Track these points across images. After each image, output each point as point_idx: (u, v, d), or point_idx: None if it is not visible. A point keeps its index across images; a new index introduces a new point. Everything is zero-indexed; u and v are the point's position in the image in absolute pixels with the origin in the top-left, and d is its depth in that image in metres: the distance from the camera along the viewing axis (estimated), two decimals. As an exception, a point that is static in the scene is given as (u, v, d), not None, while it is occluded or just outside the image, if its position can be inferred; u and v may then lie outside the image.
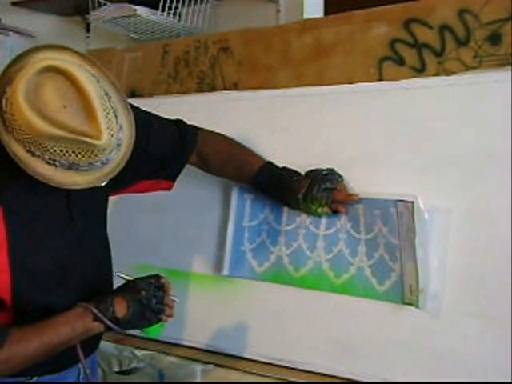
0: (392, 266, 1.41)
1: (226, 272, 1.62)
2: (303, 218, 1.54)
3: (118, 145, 1.15)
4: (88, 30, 2.55)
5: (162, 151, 1.46)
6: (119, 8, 2.13)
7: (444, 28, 1.42)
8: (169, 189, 1.55)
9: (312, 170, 1.48)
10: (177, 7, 2.16)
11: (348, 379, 1.48)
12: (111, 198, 1.43)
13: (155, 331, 1.29)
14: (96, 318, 1.20)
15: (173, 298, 1.28)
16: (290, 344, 1.57)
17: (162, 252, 1.78)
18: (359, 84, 1.53)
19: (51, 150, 1.07)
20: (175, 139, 1.49)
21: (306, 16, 2.09)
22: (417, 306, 1.36)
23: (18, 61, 1.12)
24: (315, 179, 1.44)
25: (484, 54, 1.38)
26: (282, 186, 1.48)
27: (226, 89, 1.76)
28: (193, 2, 2.20)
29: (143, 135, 1.34)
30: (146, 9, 2.11)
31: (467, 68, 1.41)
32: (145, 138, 1.38)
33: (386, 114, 1.47)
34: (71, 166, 1.10)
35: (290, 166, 1.51)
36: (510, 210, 1.30)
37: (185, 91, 1.85)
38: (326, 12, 2.12)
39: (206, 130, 1.55)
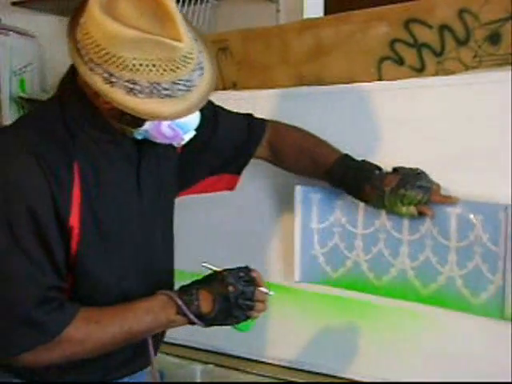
0: (490, 277, 1.31)
1: (297, 278, 1.53)
2: (383, 221, 1.44)
3: (201, 68, 1.05)
4: (88, 30, 2.54)
5: (229, 143, 1.40)
6: (119, 8, 2.13)
7: (444, 28, 1.42)
8: (233, 186, 1.46)
9: (401, 167, 1.37)
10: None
11: (348, 379, 1.48)
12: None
13: (245, 327, 1.18)
14: (179, 311, 1.13)
15: (264, 290, 1.16)
16: (290, 344, 1.58)
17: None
18: (359, 84, 1.53)
19: (130, 65, 0.99)
20: (243, 131, 1.42)
21: (305, 16, 2.09)
22: None
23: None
24: (408, 175, 1.33)
25: (484, 54, 1.38)
26: (361, 178, 1.36)
27: (225, 88, 1.76)
28: (193, 2, 2.20)
29: (210, 126, 1.31)
30: (146, 9, 2.11)
31: (467, 68, 1.41)
32: (212, 129, 1.34)
33: (386, 113, 1.47)
34: (152, 89, 1.01)
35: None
36: (509, 209, 1.30)
37: (185, 91, 1.85)
38: (326, 12, 2.12)
39: (278, 122, 1.49)
